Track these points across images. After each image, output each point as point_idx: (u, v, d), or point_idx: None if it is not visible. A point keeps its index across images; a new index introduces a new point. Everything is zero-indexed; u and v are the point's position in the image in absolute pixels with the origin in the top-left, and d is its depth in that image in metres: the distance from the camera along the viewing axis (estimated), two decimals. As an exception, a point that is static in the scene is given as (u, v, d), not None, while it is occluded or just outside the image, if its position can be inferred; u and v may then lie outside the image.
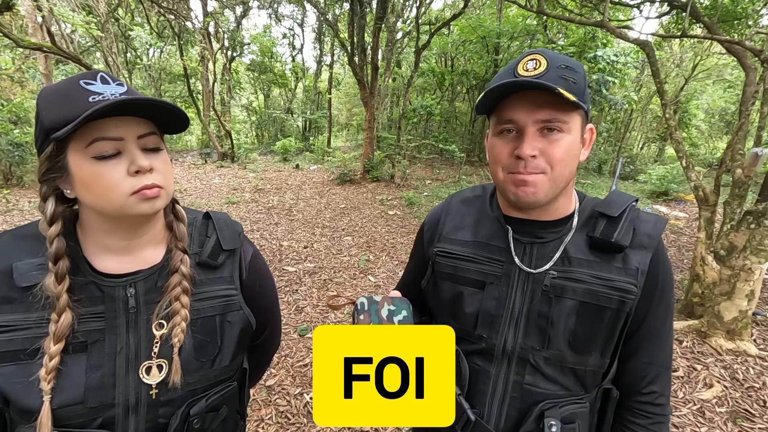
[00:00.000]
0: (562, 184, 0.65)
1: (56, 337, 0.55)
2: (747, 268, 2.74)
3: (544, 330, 0.68)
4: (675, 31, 5.90)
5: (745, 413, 2.20)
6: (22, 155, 7.07)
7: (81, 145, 0.54)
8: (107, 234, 0.61)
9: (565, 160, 0.62)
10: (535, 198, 0.64)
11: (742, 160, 3.10)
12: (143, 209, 0.57)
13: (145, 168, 0.56)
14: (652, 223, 0.69)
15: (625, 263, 0.66)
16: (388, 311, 0.61)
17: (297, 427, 2.04)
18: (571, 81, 0.61)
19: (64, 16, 6.28)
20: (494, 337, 0.71)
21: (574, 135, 0.63)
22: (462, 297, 0.74)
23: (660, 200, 8.46)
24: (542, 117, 0.61)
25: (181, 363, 0.62)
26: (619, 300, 0.65)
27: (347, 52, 8.84)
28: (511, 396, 0.70)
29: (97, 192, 0.56)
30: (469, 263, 0.74)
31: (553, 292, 0.67)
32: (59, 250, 0.57)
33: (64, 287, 0.56)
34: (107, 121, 0.54)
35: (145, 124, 0.58)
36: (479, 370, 0.73)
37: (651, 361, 0.70)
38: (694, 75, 12.30)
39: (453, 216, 0.81)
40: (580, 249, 0.69)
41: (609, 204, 0.69)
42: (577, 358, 0.68)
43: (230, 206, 6.83)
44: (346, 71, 20.39)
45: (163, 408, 0.62)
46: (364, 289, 3.75)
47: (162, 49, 15.86)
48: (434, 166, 11.41)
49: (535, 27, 10.49)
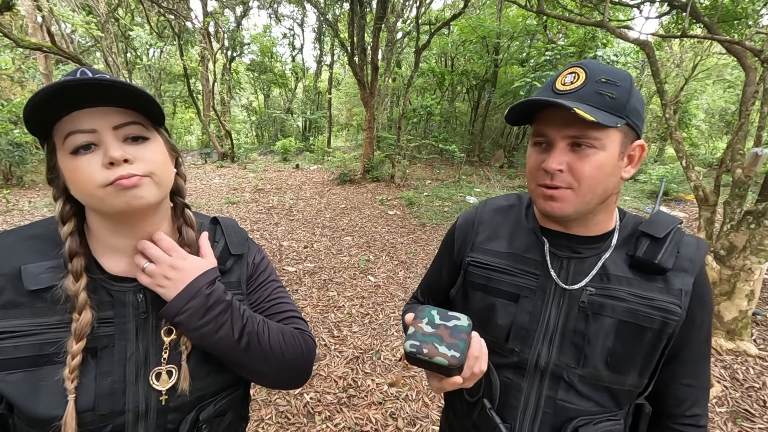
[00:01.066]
0: (593, 201, 0.63)
1: (77, 335, 0.54)
2: (747, 268, 2.74)
3: (580, 347, 0.67)
4: (675, 31, 5.90)
5: (745, 413, 2.20)
6: (22, 155, 7.07)
7: (60, 141, 0.54)
8: (111, 233, 0.61)
9: (594, 177, 0.61)
10: (561, 212, 0.63)
11: (742, 160, 3.10)
12: (124, 200, 0.54)
13: (117, 158, 0.52)
14: (695, 246, 0.67)
15: (668, 285, 0.65)
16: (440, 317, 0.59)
17: (297, 427, 2.04)
18: (608, 96, 0.59)
19: (64, 16, 6.28)
20: (527, 351, 0.70)
21: (610, 152, 0.60)
22: (494, 309, 0.73)
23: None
24: (571, 133, 0.60)
25: (190, 369, 0.61)
26: (662, 320, 0.64)
27: (347, 52, 8.84)
28: (543, 411, 0.69)
29: (78, 187, 0.55)
30: (503, 275, 0.73)
31: (590, 309, 0.66)
32: (73, 248, 0.57)
33: (82, 285, 0.56)
34: (80, 113, 0.53)
35: (125, 113, 0.55)
36: (510, 383, 0.72)
37: (693, 384, 0.69)
38: (694, 75, 12.30)
39: (486, 225, 0.79)
40: (620, 267, 0.67)
41: (654, 224, 0.67)
42: (614, 377, 0.66)
43: (230, 206, 6.83)
44: (346, 71, 20.39)
45: (172, 414, 0.61)
46: (364, 289, 3.75)
47: (162, 49, 15.86)
48: (434, 166, 11.41)
49: (535, 27, 10.50)
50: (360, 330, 3.01)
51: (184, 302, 0.58)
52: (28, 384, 0.54)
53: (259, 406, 2.15)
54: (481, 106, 13.84)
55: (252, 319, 0.65)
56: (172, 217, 0.68)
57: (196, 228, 0.69)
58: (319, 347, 2.76)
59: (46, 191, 6.96)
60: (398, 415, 2.14)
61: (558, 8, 6.03)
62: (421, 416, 2.14)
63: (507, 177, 10.45)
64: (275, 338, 0.66)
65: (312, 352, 0.72)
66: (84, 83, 0.50)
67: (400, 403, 2.23)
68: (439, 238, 5.45)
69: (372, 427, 2.06)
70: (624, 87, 0.60)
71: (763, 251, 2.70)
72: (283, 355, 0.66)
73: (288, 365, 0.67)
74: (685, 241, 0.67)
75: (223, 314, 0.60)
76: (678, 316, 0.63)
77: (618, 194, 0.68)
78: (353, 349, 2.75)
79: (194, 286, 0.59)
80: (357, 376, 2.46)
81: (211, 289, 0.61)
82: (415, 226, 5.94)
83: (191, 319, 0.59)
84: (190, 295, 0.59)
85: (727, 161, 3.28)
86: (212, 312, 0.60)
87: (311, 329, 2.95)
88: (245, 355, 0.62)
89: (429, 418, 2.14)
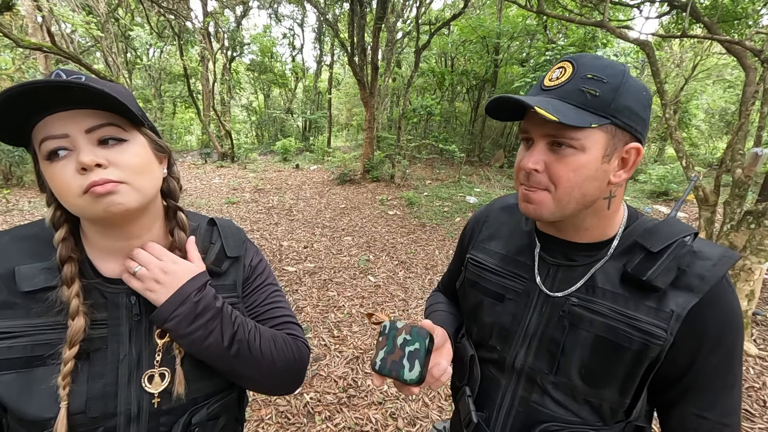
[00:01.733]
0: (571, 205, 0.59)
1: (70, 342, 0.54)
2: (747, 268, 2.74)
3: (554, 356, 0.66)
4: (675, 31, 5.90)
5: (745, 413, 2.20)
6: (21, 155, 7.07)
7: (37, 147, 0.53)
8: (101, 236, 0.61)
9: (571, 179, 0.57)
10: (536, 214, 0.61)
11: (742, 160, 3.11)
12: (101, 207, 0.52)
13: (87, 163, 0.50)
14: (712, 262, 0.58)
15: (660, 304, 0.59)
16: (403, 339, 0.63)
17: (297, 427, 2.04)
18: (589, 93, 0.55)
19: (64, 16, 6.28)
20: (506, 350, 0.71)
21: (592, 154, 0.56)
22: (482, 306, 0.75)
23: (660, 200, 8.46)
24: (548, 131, 0.57)
25: (183, 372, 0.61)
26: (641, 342, 0.59)
27: (347, 52, 8.84)
28: (517, 410, 0.70)
29: (59, 195, 0.53)
30: (493, 275, 0.74)
31: (568, 319, 0.64)
32: (64, 254, 0.56)
33: (74, 291, 0.55)
34: (53, 117, 0.51)
35: (98, 116, 0.52)
36: (491, 377, 0.74)
37: (702, 414, 0.61)
38: (694, 75, 12.31)
39: (491, 223, 0.80)
40: (610, 280, 0.63)
41: (652, 235, 0.60)
42: (589, 390, 0.64)
43: (230, 206, 6.83)
44: (346, 71, 20.40)
45: (164, 417, 0.61)
46: (364, 289, 3.75)
47: (162, 49, 15.85)
48: (434, 166, 11.41)
49: (535, 27, 10.50)
50: (360, 330, 3.01)
51: (172, 308, 0.58)
52: (20, 385, 0.54)
53: (259, 406, 2.15)
54: (481, 106, 13.84)
55: (243, 326, 0.64)
56: (165, 218, 0.67)
57: (189, 230, 0.68)
58: (319, 347, 2.76)
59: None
60: (398, 415, 2.14)
61: (558, 8, 6.04)
62: (421, 416, 2.14)
63: (507, 177, 10.45)
64: (267, 345, 0.66)
65: (305, 358, 0.72)
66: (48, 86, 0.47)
67: (400, 403, 2.23)
68: (439, 238, 5.45)
69: (372, 427, 2.06)
70: (611, 84, 0.55)
71: (763, 251, 2.70)
72: (274, 363, 0.66)
73: (279, 372, 0.67)
74: (700, 254, 0.59)
75: (213, 321, 0.60)
76: (662, 340, 0.58)
77: (613, 199, 0.62)
78: (353, 349, 2.75)
79: (183, 292, 0.59)
80: (357, 376, 2.46)
81: (201, 295, 0.60)
82: (415, 226, 5.95)
83: (180, 326, 0.58)
84: (179, 302, 0.58)
85: (727, 161, 3.29)
86: (201, 319, 0.59)
87: (311, 329, 2.96)
88: (235, 361, 0.62)
89: (429, 418, 2.14)
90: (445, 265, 4.44)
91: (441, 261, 4.58)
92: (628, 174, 0.60)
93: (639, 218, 0.67)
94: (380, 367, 0.62)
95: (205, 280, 0.63)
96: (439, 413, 2.18)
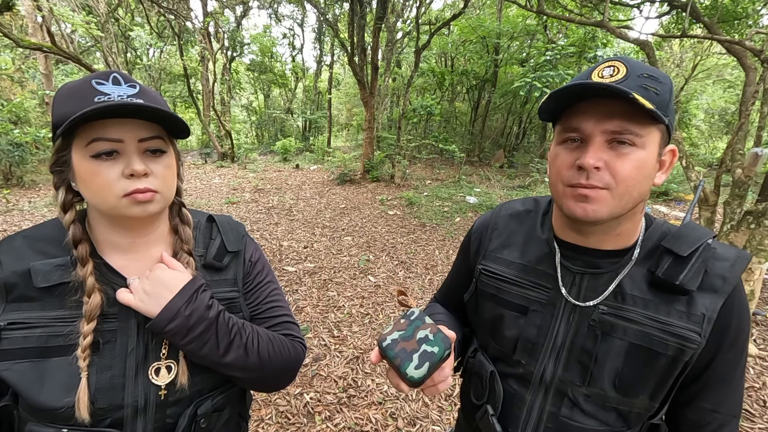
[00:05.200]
0: (628, 206, 0.57)
1: (88, 316, 0.57)
2: (747, 268, 2.75)
3: (586, 366, 0.64)
4: (675, 31, 5.90)
5: (745, 413, 2.20)
6: (22, 155, 7.07)
7: (82, 143, 0.55)
8: (111, 231, 0.63)
9: (633, 177, 0.55)
10: (595, 215, 0.57)
11: (742, 160, 3.11)
12: (134, 212, 0.58)
13: (139, 172, 0.56)
14: (730, 263, 0.60)
15: (690, 308, 0.59)
16: (425, 336, 0.59)
17: (297, 427, 2.04)
18: (653, 91, 0.54)
19: (64, 16, 6.28)
20: (533, 364, 0.68)
21: (649, 152, 0.55)
22: (503, 319, 0.72)
23: (660, 200, 8.46)
24: (612, 128, 0.54)
25: (188, 364, 0.63)
26: (677, 347, 0.59)
27: (347, 52, 8.84)
28: (545, 426, 0.67)
29: (93, 190, 0.57)
30: (513, 286, 0.71)
31: (600, 329, 0.62)
32: (77, 235, 0.59)
33: (89, 269, 0.58)
34: (108, 121, 0.55)
35: (150, 127, 0.58)
36: (514, 394, 0.70)
37: (716, 409, 0.63)
38: (694, 75, 12.32)
39: (501, 231, 0.76)
40: (638, 285, 0.62)
41: (678, 239, 0.60)
42: (622, 399, 0.63)
43: (230, 206, 6.83)
44: (346, 71, 20.39)
45: (171, 408, 0.63)
46: (364, 289, 3.75)
47: (162, 49, 15.85)
48: (434, 166, 11.41)
49: (535, 27, 10.50)
50: (360, 330, 3.01)
51: (164, 324, 0.58)
52: (34, 374, 0.56)
53: (259, 406, 2.15)
54: (481, 106, 13.85)
55: (241, 333, 0.65)
56: (170, 215, 0.70)
57: (192, 226, 0.70)
58: (319, 347, 2.76)
59: (46, 191, 6.96)
60: (398, 415, 2.14)
61: (558, 8, 6.04)
62: (421, 416, 2.14)
63: (507, 177, 10.44)
64: (264, 349, 0.67)
65: (300, 357, 0.74)
66: (135, 109, 0.54)
67: (400, 403, 2.23)
68: (439, 238, 5.45)
69: (372, 427, 2.06)
70: (667, 85, 0.56)
71: (763, 251, 2.70)
72: (272, 365, 0.68)
73: (276, 375, 0.70)
74: (718, 255, 0.60)
75: (207, 332, 0.60)
76: (696, 344, 0.58)
77: (645, 202, 0.62)
78: (353, 349, 2.75)
79: (172, 308, 0.59)
80: (357, 376, 2.46)
81: (192, 308, 0.60)
82: (415, 226, 5.94)
83: (174, 339, 0.60)
84: (169, 318, 0.58)
85: (727, 161, 3.29)
86: (194, 332, 0.60)
87: (311, 329, 2.96)
88: (233, 367, 0.64)
89: (429, 418, 2.14)
90: (445, 265, 4.44)
91: (441, 261, 4.58)
92: (666, 176, 0.61)
93: (653, 222, 0.67)
94: (387, 347, 0.59)
95: (196, 288, 0.62)
96: (439, 413, 2.18)
